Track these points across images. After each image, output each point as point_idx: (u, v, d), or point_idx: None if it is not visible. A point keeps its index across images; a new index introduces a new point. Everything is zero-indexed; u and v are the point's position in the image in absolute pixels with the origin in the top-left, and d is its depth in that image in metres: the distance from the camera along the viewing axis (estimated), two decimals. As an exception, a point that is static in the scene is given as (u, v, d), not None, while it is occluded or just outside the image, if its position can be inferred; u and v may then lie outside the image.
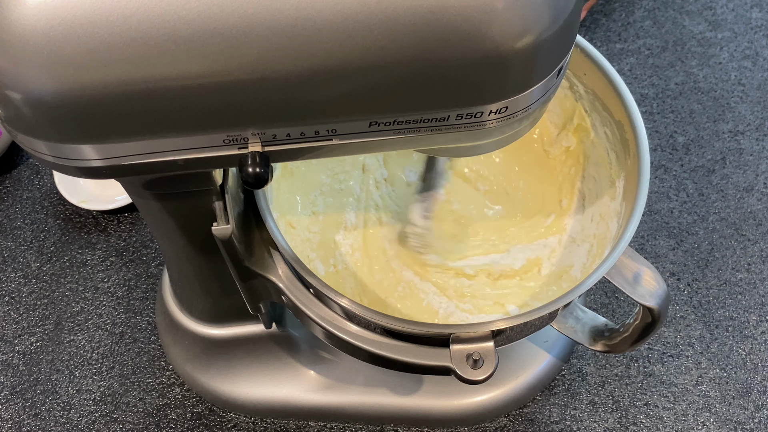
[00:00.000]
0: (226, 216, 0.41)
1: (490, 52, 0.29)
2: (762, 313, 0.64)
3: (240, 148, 0.33)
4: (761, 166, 0.71)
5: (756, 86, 0.76)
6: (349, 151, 0.34)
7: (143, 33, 0.28)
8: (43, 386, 0.62)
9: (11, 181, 0.72)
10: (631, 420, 0.60)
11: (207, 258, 0.47)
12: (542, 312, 0.41)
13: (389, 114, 0.32)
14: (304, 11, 0.28)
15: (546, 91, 0.33)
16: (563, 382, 0.61)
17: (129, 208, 0.70)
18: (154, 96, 0.30)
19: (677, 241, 0.67)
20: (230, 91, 0.30)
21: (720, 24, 0.81)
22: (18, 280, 0.67)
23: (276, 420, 0.60)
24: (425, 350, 0.42)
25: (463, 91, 0.31)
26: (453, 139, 0.34)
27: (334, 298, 0.41)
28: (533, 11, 0.29)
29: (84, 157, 0.33)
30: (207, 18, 0.28)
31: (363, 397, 0.58)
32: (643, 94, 0.76)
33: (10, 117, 0.31)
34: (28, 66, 0.28)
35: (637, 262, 0.43)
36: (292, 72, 0.29)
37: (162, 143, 0.32)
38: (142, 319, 0.65)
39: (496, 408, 0.59)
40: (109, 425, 0.60)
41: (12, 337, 0.64)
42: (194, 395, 0.61)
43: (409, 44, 0.29)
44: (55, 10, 0.28)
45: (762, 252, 0.67)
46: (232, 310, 0.55)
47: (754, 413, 0.60)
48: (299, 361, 0.59)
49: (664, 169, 0.71)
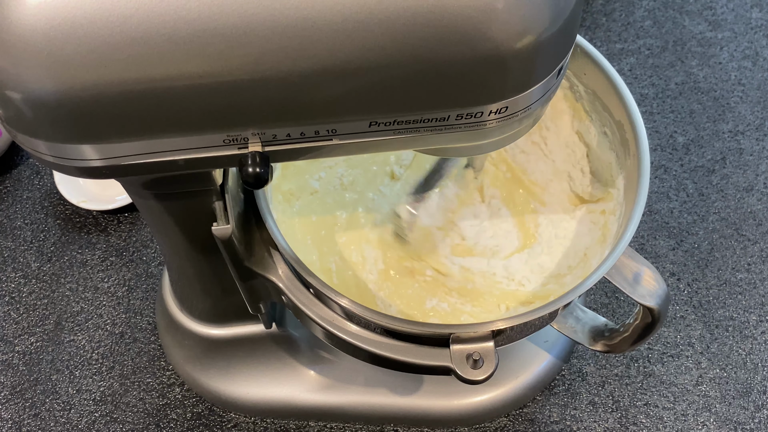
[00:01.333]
0: (226, 216, 0.41)
1: (490, 52, 0.29)
2: (762, 313, 0.64)
3: (240, 148, 0.33)
4: (761, 166, 0.71)
5: (756, 86, 0.76)
6: (349, 151, 0.34)
7: (143, 33, 0.28)
8: (43, 386, 0.62)
9: (11, 181, 0.72)
10: (631, 420, 0.60)
11: (207, 258, 0.47)
12: (542, 312, 0.41)
13: (389, 114, 0.32)
14: (304, 11, 0.28)
15: (546, 91, 0.33)
16: (563, 382, 0.61)
17: (129, 208, 0.70)
18: (154, 96, 0.30)
19: (677, 241, 0.67)
20: (230, 91, 0.30)
21: (720, 24, 0.81)
22: (18, 280, 0.67)
23: (276, 420, 0.60)
24: (425, 350, 0.42)
25: (463, 92, 0.31)
26: (453, 139, 0.34)
27: (334, 298, 0.41)
28: (533, 11, 0.29)
29: (84, 157, 0.33)
30: (207, 18, 0.28)
31: (363, 397, 0.58)
32: (643, 94, 0.76)
33: (10, 117, 0.31)
34: (28, 66, 0.28)
35: (637, 262, 0.44)
36: (292, 72, 0.29)
37: (162, 143, 0.32)
38: (142, 319, 0.65)
39: (496, 408, 0.59)
40: (109, 425, 0.60)
41: (12, 337, 0.64)
42: (194, 395, 0.61)
43: (409, 44, 0.29)
44: (55, 10, 0.28)
45: (762, 252, 0.67)
46: (232, 310, 0.55)
47: (754, 413, 0.60)
48: (299, 361, 0.59)
49: (664, 169, 0.71)
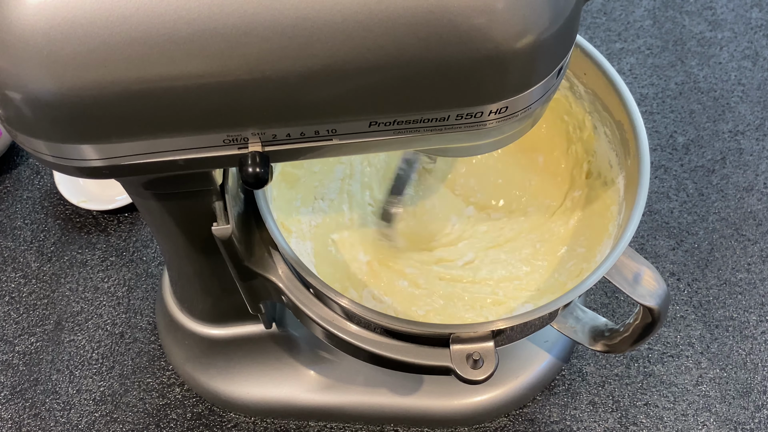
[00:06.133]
0: (226, 216, 0.41)
1: (490, 52, 0.29)
2: (762, 313, 0.64)
3: (240, 148, 0.33)
4: (761, 166, 0.71)
5: (756, 86, 0.76)
6: (349, 151, 0.34)
7: (143, 33, 0.28)
8: (43, 386, 0.62)
9: (11, 181, 0.72)
10: (631, 420, 0.60)
11: (207, 258, 0.47)
12: (542, 312, 0.41)
13: (389, 114, 0.32)
14: (304, 11, 0.28)
15: (546, 91, 0.33)
16: (563, 382, 0.61)
17: (129, 208, 0.70)
18: (154, 96, 0.30)
19: (677, 241, 0.67)
20: (230, 91, 0.30)
21: (720, 24, 0.81)
22: (18, 280, 0.67)
23: (276, 420, 0.60)
24: (425, 350, 0.42)
25: (463, 91, 0.31)
26: (453, 139, 0.34)
27: (334, 298, 0.41)
28: (533, 11, 0.29)
29: (84, 157, 0.33)
30: (207, 18, 0.28)
31: (363, 397, 0.58)
32: (643, 94, 0.76)
33: (10, 117, 0.31)
34: (28, 66, 0.28)
35: (637, 262, 0.44)
36: (292, 72, 0.29)
37: (162, 143, 0.32)
38: (142, 319, 0.65)
39: (496, 408, 0.59)
40: (109, 425, 0.60)
41: (12, 337, 0.64)
42: (194, 395, 0.61)
43: (409, 44, 0.29)
44: (55, 10, 0.28)
45: (762, 252, 0.67)
46: (232, 310, 0.55)
47: (754, 413, 0.60)
48: (299, 361, 0.59)
49: (664, 169, 0.71)
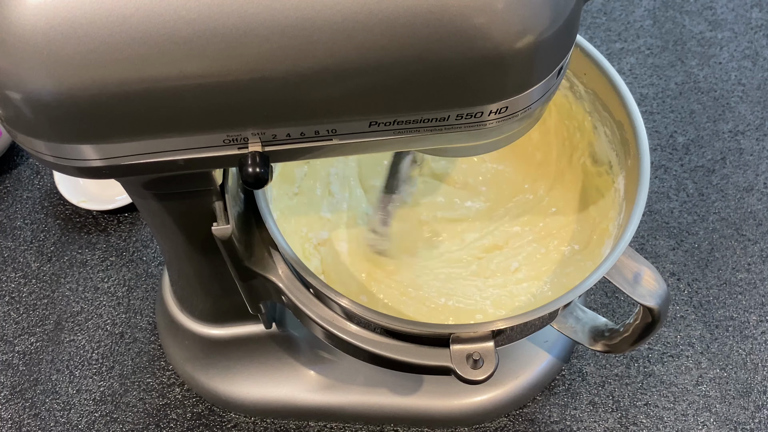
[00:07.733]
0: (226, 216, 0.41)
1: (490, 52, 0.29)
2: (762, 313, 0.64)
3: (240, 148, 0.33)
4: (761, 166, 0.71)
5: (756, 86, 0.76)
6: (349, 151, 0.34)
7: (143, 33, 0.28)
8: (43, 386, 0.62)
9: (11, 181, 0.72)
10: (631, 420, 0.60)
11: (207, 258, 0.47)
12: (542, 312, 0.41)
13: (389, 114, 0.32)
14: (304, 11, 0.28)
15: (546, 91, 0.33)
16: (563, 382, 0.61)
17: (129, 208, 0.70)
18: (154, 96, 0.30)
19: (677, 241, 0.67)
20: (230, 91, 0.30)
21: (720, 24, 0.81)
22: (18, 280, 0.67)
23: (276, 420, 0.60)
24: (425, 350, 0.42)
25: (463, 91, 0.31)
26: (453, 139, 0.34)
27: (334, 298, 0.41)
28: (533, 11, 0.29)
29: (84, 157, 0.33)
30: (207, 18, 0.28)
31: (363, 397, 0.58)
32: (643, 94, 0.76)
33: (10, 117, 0.31)
34: (28, 66, 0.28)
35: (637, 262, 0.44)
36: (292, 72, 0.29)
37: (162, 143, 0.32)
38: (142, 319, 0.65)
39: (496, 408, 0.59)
40: (109, 425, 0.60)
41: (12, 337, 0.64)
42: (194, 395, 0.61)
43: (409, 44, 0.29)
44: (55, 10, 0.28)
45: (762, 252, 0.67)
46: (232, 310, 0.55)
47: (754, 413, 0.60)
48: (299, 361, 0.59)
49: (664, 169, 0.71)
